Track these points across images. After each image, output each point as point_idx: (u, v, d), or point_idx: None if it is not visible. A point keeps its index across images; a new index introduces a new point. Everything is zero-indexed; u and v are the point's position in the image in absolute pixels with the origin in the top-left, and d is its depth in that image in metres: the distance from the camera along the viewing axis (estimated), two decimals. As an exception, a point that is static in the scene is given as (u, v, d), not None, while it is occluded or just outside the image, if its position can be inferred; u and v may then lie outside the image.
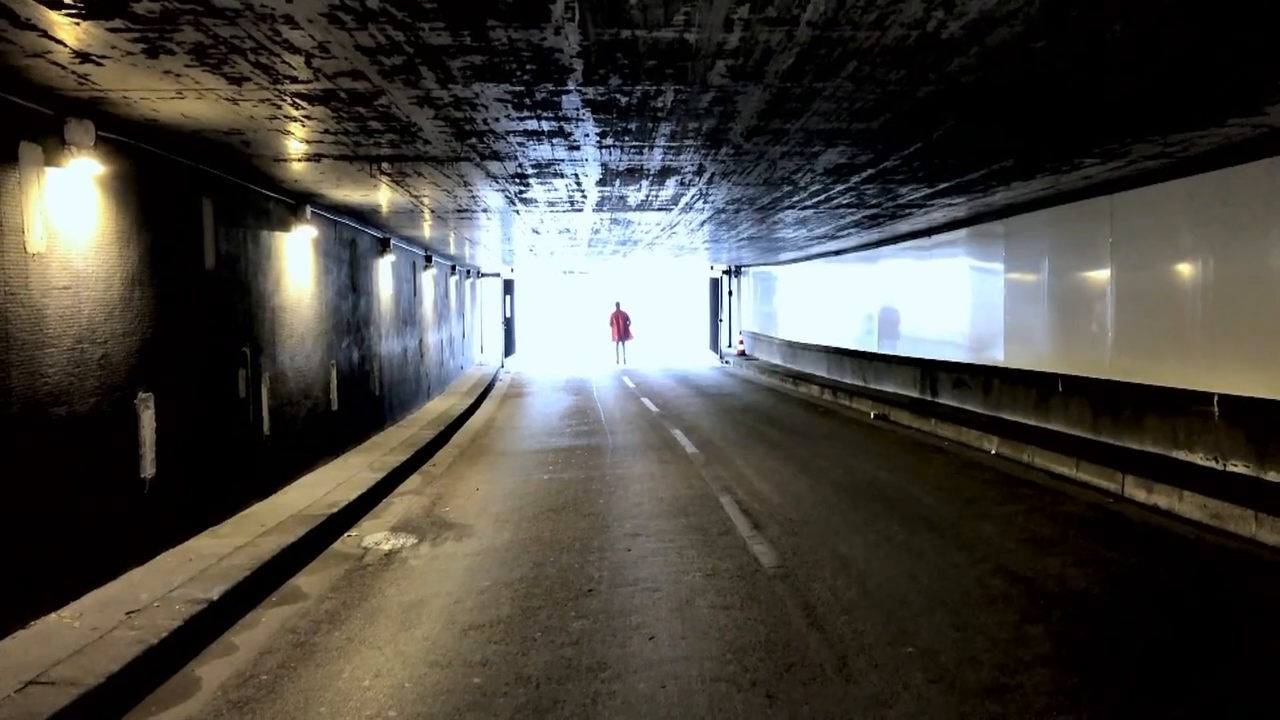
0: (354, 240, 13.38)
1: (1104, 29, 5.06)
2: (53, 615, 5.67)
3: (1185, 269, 10.03)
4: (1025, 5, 4.60)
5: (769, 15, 4.70)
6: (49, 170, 5.86)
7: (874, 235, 17.68)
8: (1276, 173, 8.61)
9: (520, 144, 8.00)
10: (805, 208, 13.10)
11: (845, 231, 16.90)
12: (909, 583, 6.78)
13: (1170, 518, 8.64)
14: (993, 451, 12.38)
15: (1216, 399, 9.45)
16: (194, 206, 8.05)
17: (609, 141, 7.99)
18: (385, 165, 8.96)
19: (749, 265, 32.18)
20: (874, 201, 12.36)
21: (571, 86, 6.06)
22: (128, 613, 5.72)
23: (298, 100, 6.21)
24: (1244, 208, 9.10)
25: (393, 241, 15.63)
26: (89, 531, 6.21)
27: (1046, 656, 5.38)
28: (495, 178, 9.89)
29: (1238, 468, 9.20)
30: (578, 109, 6.73)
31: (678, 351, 39.46)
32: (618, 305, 34.17)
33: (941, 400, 16.53)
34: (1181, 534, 8.12)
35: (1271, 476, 8.78)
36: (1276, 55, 5.70)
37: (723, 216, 14.51)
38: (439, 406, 18.19)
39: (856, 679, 5.07)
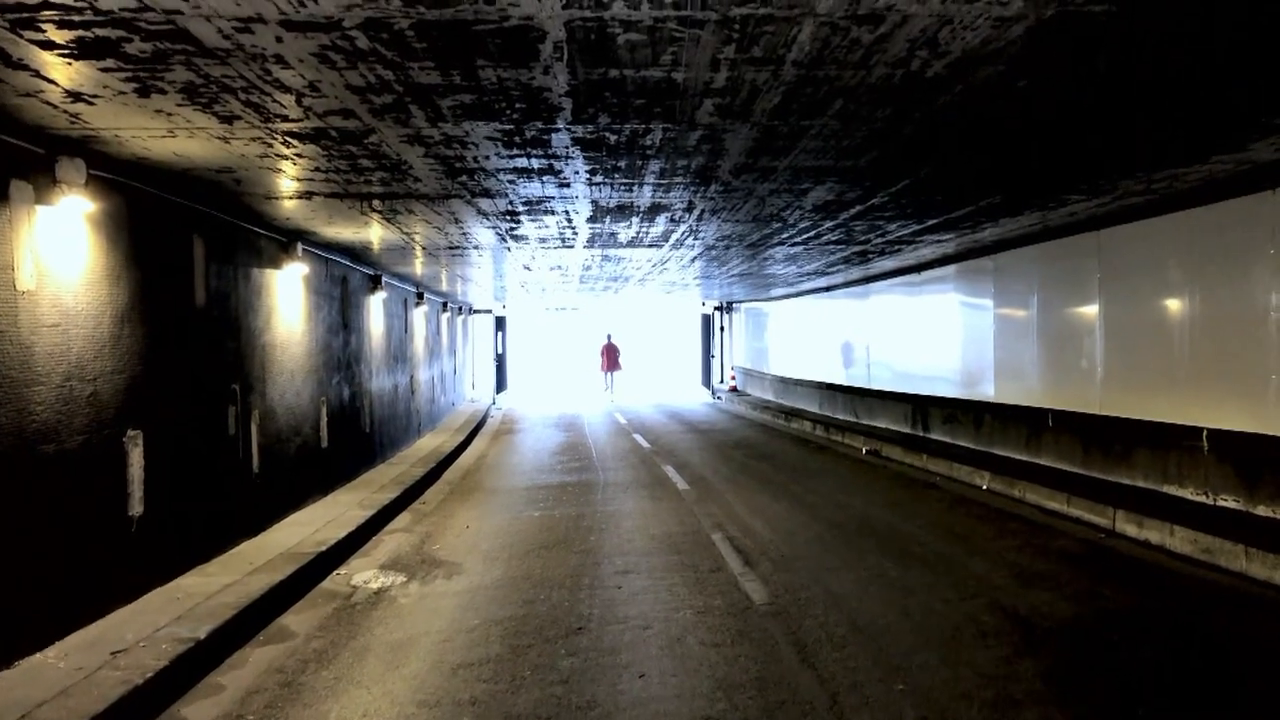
0: (345, 277, 13.40)
1: (1087, 67, 5.13)
2: (37, 655, 5.61)
3: (1173, 304, 10.10)
4: (1008, 45, 4.67)
5: (755, 55, 4.76)
6: (40, 208, 5.87)
7: (864, 271, 17.78)
8: (1260, 208, 8.70)
9: (511, 181, 8.05)
10: (795, 244, 13.18)
11: (835, 268, 16.98)
12: (901, 619, 6.76)
13: (1162, 553, 8.63)
14: (984, 487, 12.38)
15: (1205, 434, 9.48)
16: (185, 244, 8.07)
17: (599, 179, 8.04)
18: (376, 203, 9.00)
19: (740, 301, 32.28)
20: (863, 238, 12.44)
21: (561, 125, 6.12)
22: (113, 653, 5.67)
23: (288, 138, 6.25)
24: (1229, 243, 9.18)
25: (384, 278, 15.66)
26: (75, 570, 6.17)
27: (1039, 693, 5.35)
28: (486, 215, 9.94)
29: (1228, 502, 9.21)
30: (567, 147, 6.78)
31: (670, 387, 39.46)
32: (608, 338, 35.49)
33: (933, 436, 16.55)
34: (1173, 569, 8.11)
35: (1261, 511, 8.79)
36: (1260, 93, 5.78)
37: (713, 253, 14.58)
38: (430, 443, 18.14)
39: (848, 717, 5.04)
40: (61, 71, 4.70)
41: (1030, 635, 6.37)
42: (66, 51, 4.41)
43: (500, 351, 35.45)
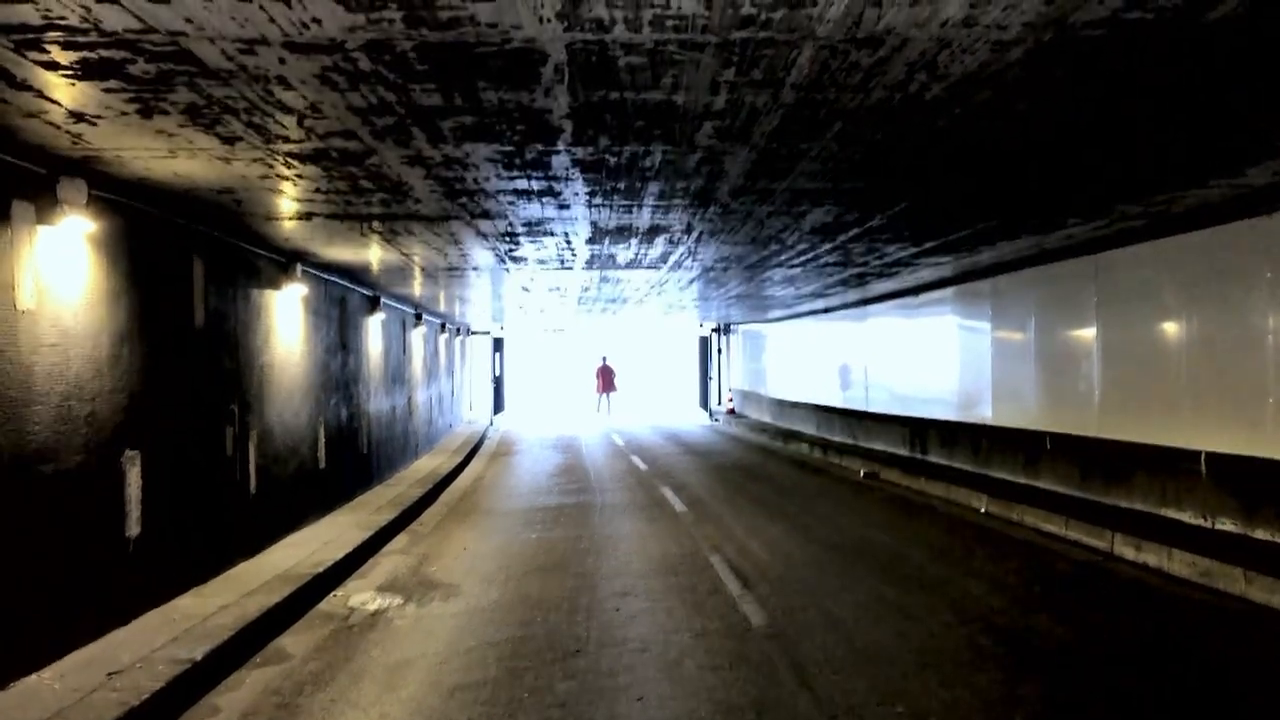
0: (344, 298, 13.41)
1: (1085, 92, 5.16)
2: (33, 676, 5.58)
3: (1170, 327, 10.12)
4: (1007, 68, 4.69)
5: (754, 78, 4.79)
6: (40, 228, 5.88)
7: (861, 294, 17.80)
8: (1257, 232, 8.73)
9: (510, 203, 8.07)
10: (793, 266, 13.21)
11: (833, 290, 17.01)
12: (899, 642, 6.73)
13: (1160, 576, 8.61)
14: (982, 510, 12.36)
15: (1204, 457, 9.47)
16: (185, 264, 8.08)
17: (598, 200, 8.07)
18: (376, 224, 9.02)
19: (738, 323, 32.31)
20: (861, 260, 12.47)
21: (561, 147, 6.14)
22: (109, 674, 5.64)
23: (290, 159, 6.27)
24: (1227, 266, 9.20)
25: (383, 299, 15.68)
26: (72, 591, 6.14)
27: (1039, 715, 5.33)
28: (485, 236, 9.96)
29: (1226, 525, 9.19)
30: (567, 168, 6.80)
31: (667, 409, 39.38)
32: (604, 360, 36.03)
33: (931, 458, 16.53)
34: (1171, 592, 8.09)
35: (1260, 534, 8.77)
36: (1256, 120, 5.82)
37: (711, 274, 14.61)
38: (427, 464, 18.11)
39: (847, 740, 5.01)
40: (65, 92, 4.72)
41: (1029, 658, 6.35)
42: (70, 72, 4.43)
43: (498, 373, 35.43)
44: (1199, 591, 8.04)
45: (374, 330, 15.45)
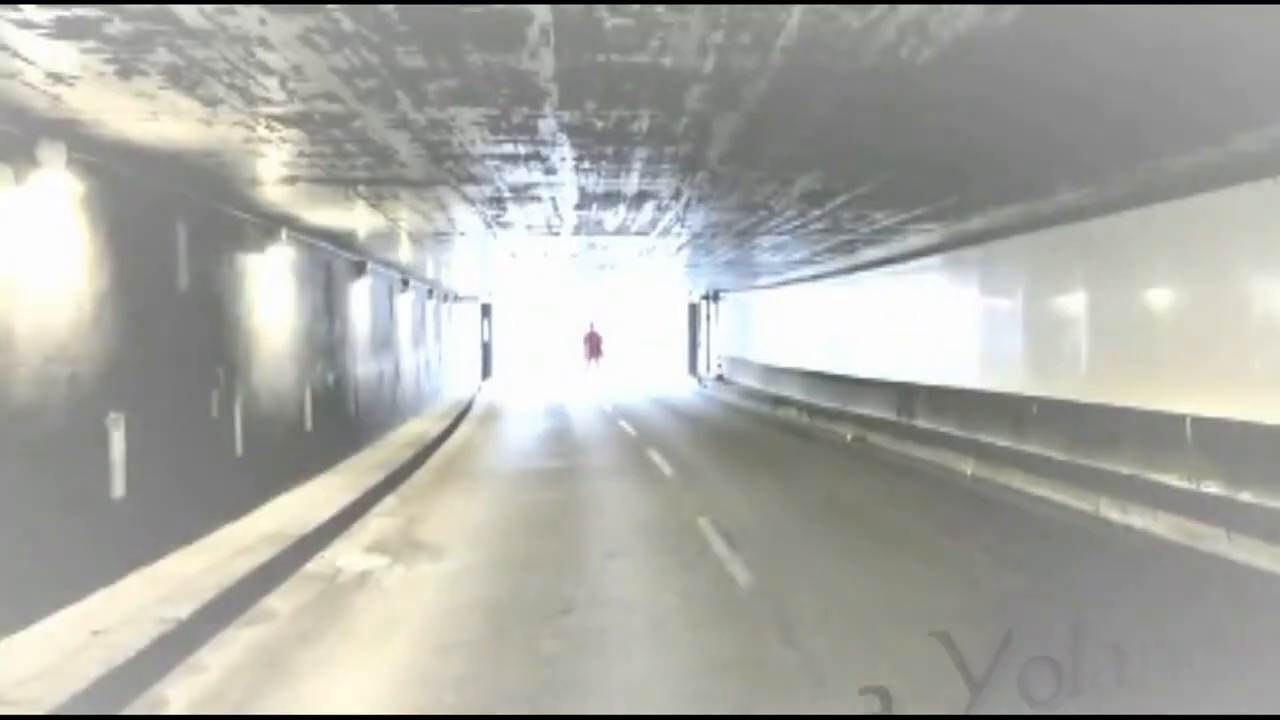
0: (330, 263, 13.35)
1: (1080, 58, 5.12)
2: (20, 634, 5.59)
3: (1158, 293, 10.16)
4: (999, 31, 4.62)
5: (743, 42, 4.75)
6: (19, 190, 5.82)
7: (850, 260, 17.76)
8: (1245, 198, 8.72)
9: (497, 167, 8.02)
10: (782, 233, 13.17)
11: (821, 257, 16.98)
12: (884, 601, 6.80)
13: (1145, 537, 8.68)
14: (969, 473, 12.43)
15: (1189, 420, 9.53)
16: (168, 228, 8.03)
17: (586, 165, 8.02)
18: (361, 188, 8.96)
19: (727, 290, 32.26)
20: (850, 227, 12.43)
21: (547, 110, 6.09)
22: (94, 632, 5.65)
23: (273, 122, 6.20)
24: (1214, 232, 9.22)
25: (369, 265, 15.59)
26: (57, 551, 6.14)
27: (1021, 673, 5.39)
28: (472, 201, 9.90)
29: (1211, 488, 9.26)
30: (554, 133, 6.76)
31: (657, 376, 39.30)
32: (591, 326, 36.23)
33: (918, 423, 16.59)
34: (1156, 553, 8.16)
35: (1245, 497, 8.83)
36: (1241, 89, 5.80)
37: (700, 241, 14.58)
38: (415, 429, 18.11)
39: (831, 697, 5.07)
40: (41, 52, 4.64)
41: (1014, 618, 6.40)
42: (46, 31, 4.35)
43: (486, 338, 35.42)
44: (1184, 552, 8.09)
45: (360, 295, 15.40)
